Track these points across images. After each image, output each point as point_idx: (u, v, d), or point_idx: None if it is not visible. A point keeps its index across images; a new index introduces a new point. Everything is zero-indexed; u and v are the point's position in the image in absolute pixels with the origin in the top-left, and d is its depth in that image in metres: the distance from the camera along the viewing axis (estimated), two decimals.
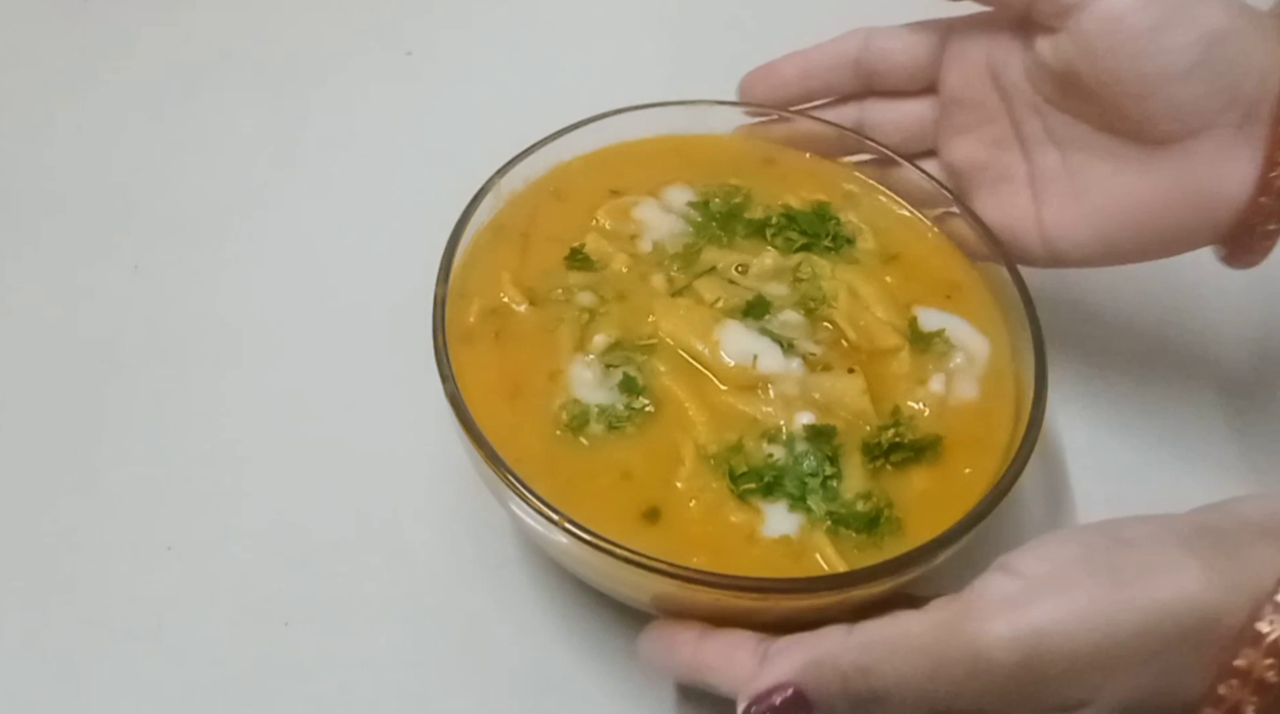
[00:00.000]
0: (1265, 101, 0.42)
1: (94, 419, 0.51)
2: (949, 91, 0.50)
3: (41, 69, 0.67)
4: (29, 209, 0.60)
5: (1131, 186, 0.45)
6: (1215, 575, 0.32)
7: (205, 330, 0.55)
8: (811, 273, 0.47)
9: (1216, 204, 0.44)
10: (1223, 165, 0.43)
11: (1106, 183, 0.46)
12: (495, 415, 0.41)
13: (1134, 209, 0.45)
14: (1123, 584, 0.32)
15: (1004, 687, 0.32)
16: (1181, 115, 0.43)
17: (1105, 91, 0.44)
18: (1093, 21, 0.43)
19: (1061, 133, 0.47)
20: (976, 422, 0.44)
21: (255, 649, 0.45)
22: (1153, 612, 0.32)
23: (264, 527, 0.48)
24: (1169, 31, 0.42)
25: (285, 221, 0.59)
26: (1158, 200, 0.45)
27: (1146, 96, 0.43)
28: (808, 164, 0.52)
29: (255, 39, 0.69)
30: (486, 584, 0.47)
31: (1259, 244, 0.44)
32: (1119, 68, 0.43)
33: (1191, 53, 0.42)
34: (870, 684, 0.33)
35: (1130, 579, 0.32)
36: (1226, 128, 0.43)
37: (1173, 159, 0.44)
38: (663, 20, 0.71)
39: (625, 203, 0.50)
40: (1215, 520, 0.34)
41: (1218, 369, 0.55)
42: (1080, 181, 0.47)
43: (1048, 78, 0.46)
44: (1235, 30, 0.42)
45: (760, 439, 0.42)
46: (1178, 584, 0.32)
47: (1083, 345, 0.54)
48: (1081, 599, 0.32)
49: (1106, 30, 0.43)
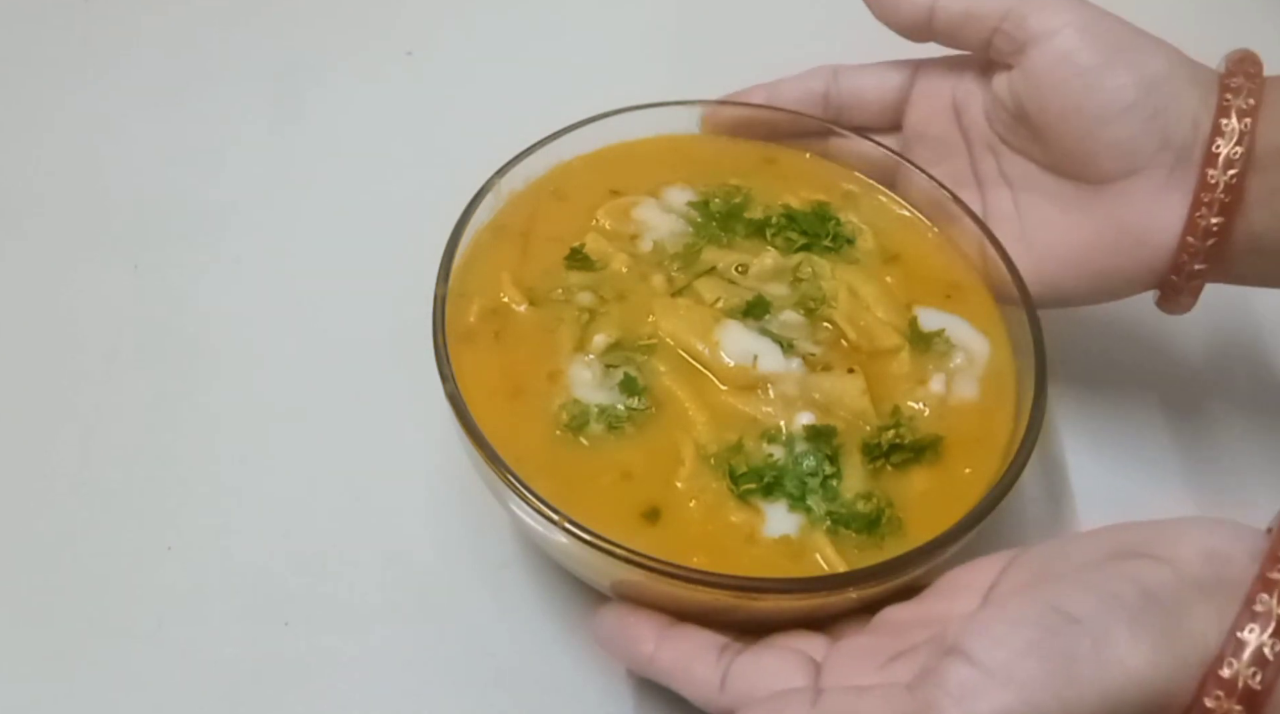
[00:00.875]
0: (1196, 146, 0.44)
1: (94, 418, 0.51)
2: (913, 127, 0.52)
3: (42, 68, 0.67)
4: (29, 208, 0.60)
5: (1072, 228, 0.47)
6: (1164, 655, 0.32)
7: (205, 330, 0.55)
8: (811, 273, 0.47)
9: (1149, 246, 0.45)
10: (1154, 207, 0.45)
11: (1050, 225, 0.48)
12: (495, 415, 0.41)
13: (1074, 251, 0.47)
14: (1075, 675, 0.32)
15: None
16: (1118, 154, 0.45)
17: (1049, 128, 0.46)
18: (1043, 57, 0.46)
19: (1013, 173, 0.49)
20: (976, 422, 0.44)
21: (255, 649, 0.45)
22: (1107, 698, 0.32)
23: (264, 527, 0.48)
24: (1110, 72, 0.44)
25: (285, 221, 0.59)
26: (1096, 242, 0.46)
27: (1086, 134, 0.45)
28: (808, 164, 0.52)
29: (256, 39, 0.69)
30: (486, 584, 0.47)
31: (1187, 285, 0.46)
32: (1063, 104, 0.45)
33: (1129, 93, 0.44)
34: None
35: (1082, 666, 0.32)
36: (1160, 169, 0.44)
37: (1110, 200, 0.46)
38: (663, 20, 0.71)
39: (625, 203, 0.50)
40: (1158, 581, 0.33)
41: (1219, 370, 0.55)
42: (1028, 223, 0.49)
43: (1002, 115, 0.49)
44: (1173, 76, 0.45)
45: (760, 439, 0.42)
46: (1129, 669, 0.32)
47: (1083, 345, 0.54)
48: (1036, 691, 0.32)
49: (1055, 66, 0.45)
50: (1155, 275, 0.46)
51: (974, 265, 0.48)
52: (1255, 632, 0.32)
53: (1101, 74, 0.44)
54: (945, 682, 0.32)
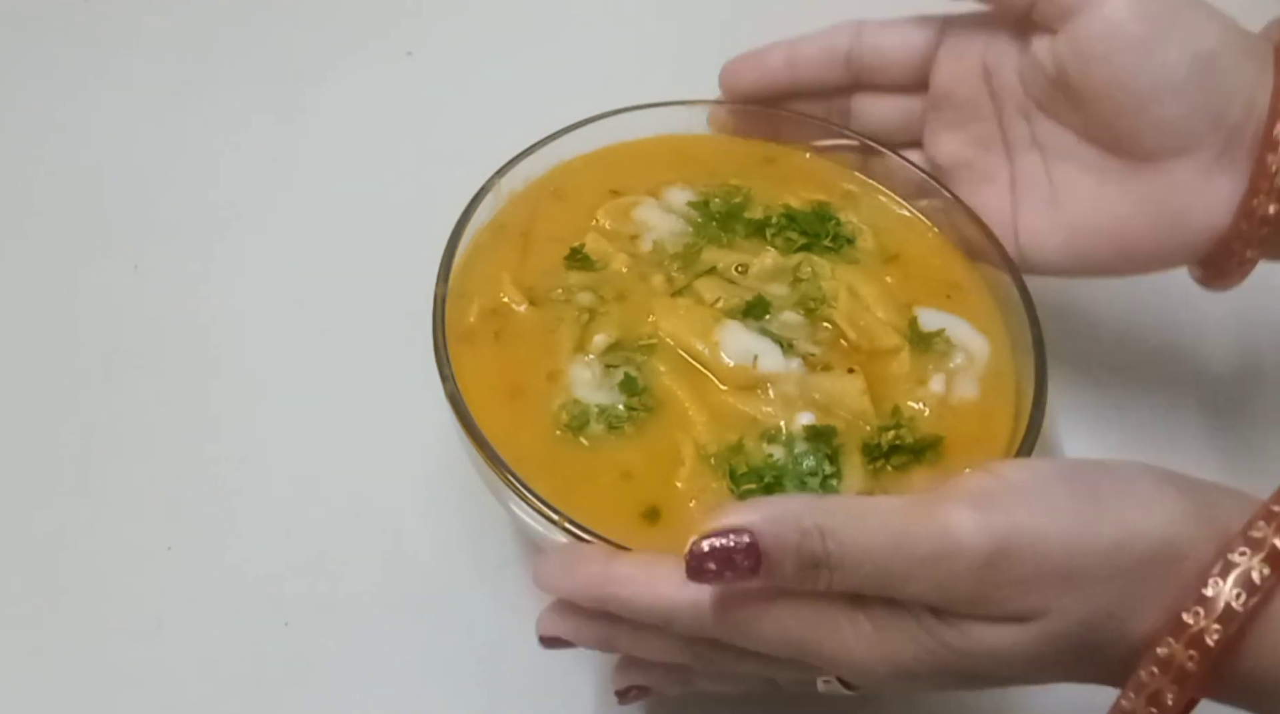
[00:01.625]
0: (1250, 128, 0.42)
1: (94, 418, 0.51)
2: (939, 87, 0.50)
3: (42, 68, 0.67)
4: (29, 208, 0.60)
5: (1108, 201, 0.45)
6: (1190, 509, 0.32)
7: (205, 329, 0.55)
8: (811, 273, 0.47)
9: (1191, 227, 0.44)
10: (1201, 189, 0.43)
11: (1084, 195, 0.46)
12: (495, 415, 0.41)
13: (1108, 224, 0.46)
14: (1100, 500, 0.32)
15: (964, 578, 0.31)
16: (1165, 133, 0.43)
17: (1094, 100, 0.44)
18: (1090, 26, 0.43)
19: (1047, 140, 0.47)
20: (976, 422, 0.44)
21: (255, 649, 0.45)
22: (1126, 527, 0.32)
23: (264, 527, 0.48)
24: (1161, 46, 0.42)
25: (285, 221, 0.59)
26: (1132, 218, 0.45)
27: (1132, 110, 0.43)
28: (808, 164, 0.52)
29: (256, 39, 0.69)
30: (486, 584, 0.47)
31: (1236, 269, 0.44)
32: (1110, 77, 0.43)
33: (1180, 70, 0.42)
34: (828, 547, 0.32)
35: (1107, 497, 0.32)
36: (1208, 150, 0.43)
37: (1152, 178, 0.44)
38: (663, 20, 0.72)
39: (625, 203, 0.50)
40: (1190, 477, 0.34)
41: (1219, 369, 0.55)
42: (1059, 191, 0.47)
43: (1040, 81, 0.46)
44: (1227, 53, 0.42)
45: (760, 439, 0.42)
46: (1154, 509, 0.32)
47: (1083, 345, 0.54)
48: (1058, 505, 0.32)
49: (1102, 36, 0.43)
50: (1193, 255, 0.45)
51: (974, 265, 0.48)
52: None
53: (1151, 48, 0.42)
54: (966, 482, 0.32)
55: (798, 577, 0.32)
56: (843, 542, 0.32)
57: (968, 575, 0.31)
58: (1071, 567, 0.31)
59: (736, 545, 0.32)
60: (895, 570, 0.32)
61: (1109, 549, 0.31)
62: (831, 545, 0.32)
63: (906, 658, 0.33)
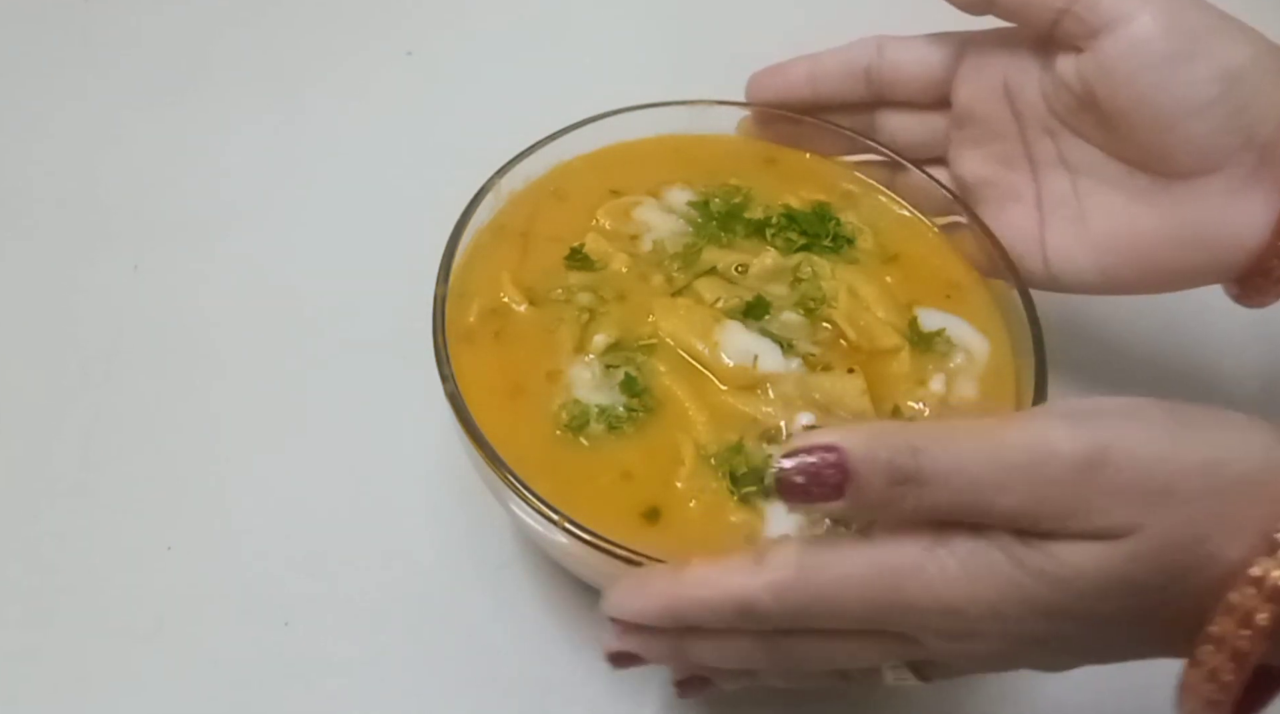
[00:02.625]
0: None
1: (94, 418, 0.51)
2: (961, 105, 0.49)
3: (42, 68, 0.67)
4: (29, 208, 0.60)
5: (1138, 219, 0.45)
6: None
7: (205, 330, 0.55)
8: (811, 273, 0.47)
9: (1223, 245, 0.43)
10: (1234, 207, 0.43)
11: (1113, 212, 0.46)
12: (495, 415, 0.41)
13: (1138, 241, 0.45)
14: (1195, 424, 0.32)
15: (1059, 484, 0.31)
16: (1195, 151, 0.43)
17: (1121, 119, 0.44)
18: (1118, 45, 0.43)
19: (1073, 157, 0.47)
20: None
21: (255, 649, 0.45)
22: (1221, 449, 0.31)
23: (264, 527, 0.48)
24: (1190, 64, 0.42)
25: (285, 221, 0.59)
26: (1163, 235, 0.44)
27: (1162, 128, 0.43)
28: (808, 164, 0.52)
29: (256, 39, 0.69)
30: (486, 584, 0.47)
31: (1273, 287, 0.44)
32: (1138, 95, 0.43)
33: (1210, 89, 0.42)
34: (919, 462, 0.31)
35: (1202, 422, 0.32)
36: (1240, 168, 0.42)
37: (1183, 195, 0.44)
38: (663, 20, 0.71)
39: (625, 203, 0.50)
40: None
41: (1220, 370, 0.55)
42: (1087, 208, 0.47)
43: (1065, 99, 0.46)
44: (1257, 70, 0.42)
45: (760, 439, 0.42)
46: (1249, 434, 0.31)
47: (1084, 345, 0.54)
48: (1154, 422, 0.31)
49: (1129, 54, 0.42)
50: (1226, 273, 0.44)
51: (974, 266, 0.48)
52: None
53: (1179, 66, 0.42)
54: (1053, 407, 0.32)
55: (885, 495, 0.31)
56: (935, 457, 0.31)
57: (1063, 482, 0.31)
58: (1167, 481, 0.31)
59: (824, 461, 0.31)
60: (987, 480, 0.31)
61: (1204, 466, 0.31)
62: (924, 461, 0.31)
63: (993, 594, 0.32)
